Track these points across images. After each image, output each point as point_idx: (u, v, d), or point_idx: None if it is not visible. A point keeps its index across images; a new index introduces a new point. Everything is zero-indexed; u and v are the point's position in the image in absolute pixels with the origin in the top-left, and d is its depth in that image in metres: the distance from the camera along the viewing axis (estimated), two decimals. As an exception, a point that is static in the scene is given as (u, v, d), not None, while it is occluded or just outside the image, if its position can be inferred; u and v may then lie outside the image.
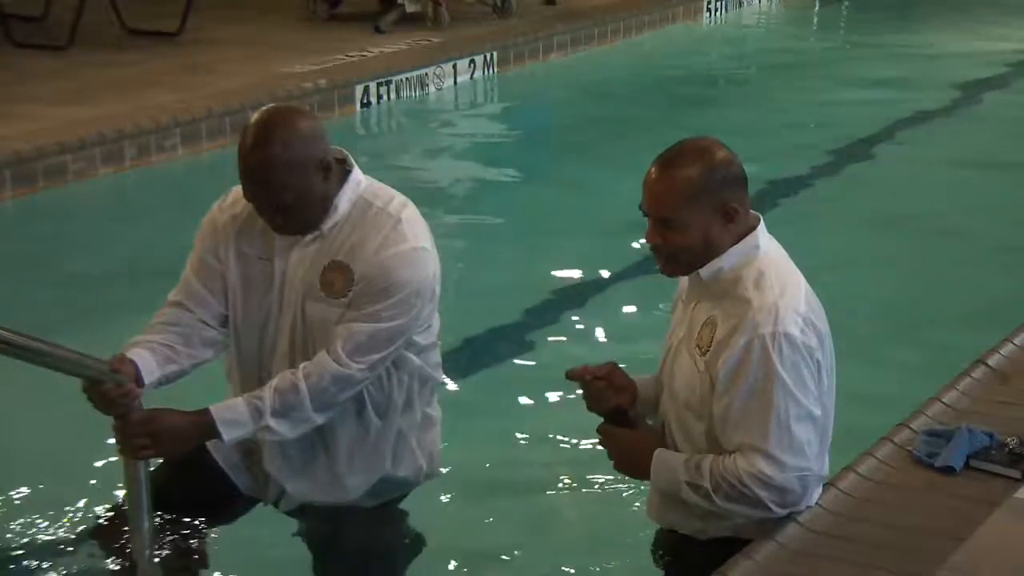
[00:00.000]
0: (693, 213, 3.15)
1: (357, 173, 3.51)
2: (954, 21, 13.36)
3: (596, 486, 4.46)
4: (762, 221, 3.26)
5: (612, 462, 3.36)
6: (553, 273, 6.72)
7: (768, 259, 3.21)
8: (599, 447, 3.39)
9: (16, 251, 6.97)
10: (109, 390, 3.30)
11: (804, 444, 3.13)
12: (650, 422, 3.39)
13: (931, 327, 6.03)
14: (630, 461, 3.32)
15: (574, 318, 6.26)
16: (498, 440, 4.98)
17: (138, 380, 3.38)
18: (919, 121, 9.79)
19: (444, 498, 4.36)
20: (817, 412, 3.16)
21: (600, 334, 6.03)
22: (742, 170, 3.22)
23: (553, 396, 5.36)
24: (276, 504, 3.70)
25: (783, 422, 3.10)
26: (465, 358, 5.61)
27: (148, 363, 3.43)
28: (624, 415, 3.35)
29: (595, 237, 7.21)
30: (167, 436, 3.37)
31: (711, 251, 3.19)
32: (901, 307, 6.30)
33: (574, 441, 4.87)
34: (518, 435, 5.03)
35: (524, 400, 5.35)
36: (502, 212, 7.84)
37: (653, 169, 3.20)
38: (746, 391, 3.10)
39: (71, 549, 3.96)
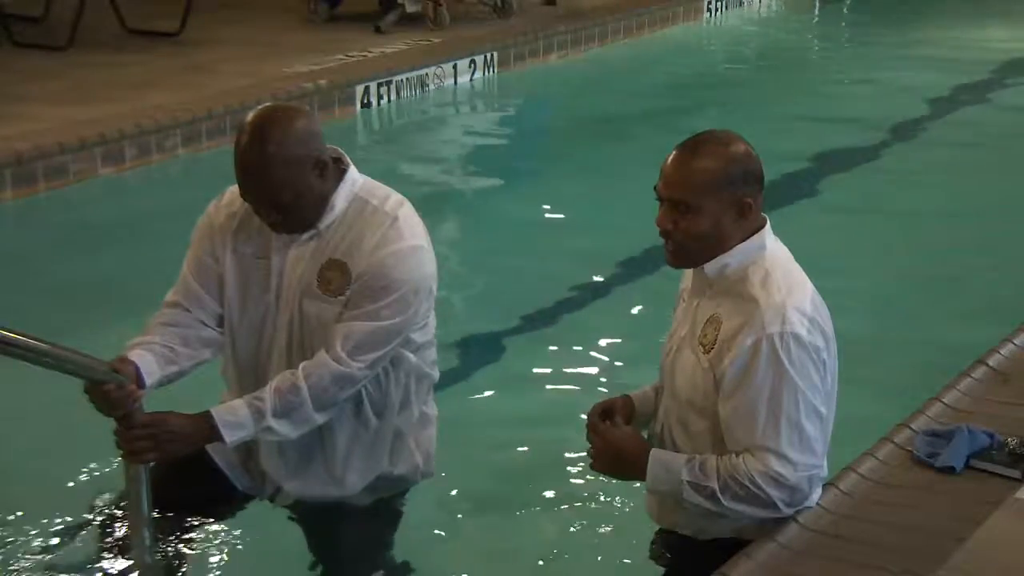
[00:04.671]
0: (709, 201, 3.15)
1: (353, 172, 3.52)
2: (955, 21, 13.36)
3: (595, 486, 4.45)
4: (768, 222, 3.26)
5: (593, 460, 3.34)
6: (552, 274, 6.71)
7: (774, 259, 3.21)
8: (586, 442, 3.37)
9: (16, 251, 6.97)
10: (111, 391, 3.30)
11: (813, 442, 3.14)
12: (645, 434, 3.38)
13: (931, 327, 6.02)
14: (619, 460, 3.29)
15: (573, 318, 6.25)
16: (495, 439, 4.97)
17: (139, 381, 3.38)
18: (920, 120, 9.80)
19: (440, 497, 4.36)
20: (823, 410, 3.17)
21: (599, 334, 6.02)
22: (761, 168, 3.23)
23: (550, 396, 5.36)
24: (273, 499, 3.70)
25: (794, 421, 3.10)
26: (462, 357, 5.61)
27: (149, 364, 3.43)
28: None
29: (595, 237, 7.20)
30: (168, 438, 3.37)
31: (720, 244, 3.19)
32: (901, 307, 6.30)
33: (572, 440, 4.86)
34: (516, 434, 5.02)
35: (521, 400, 5.35)
36: (501, 212, 7.84)
37: (674, 153, 3.20)
38: (755, 392, 3.10)
39: (71, 549, 3.96)
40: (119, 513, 3.65)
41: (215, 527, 3.79)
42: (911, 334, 5.95)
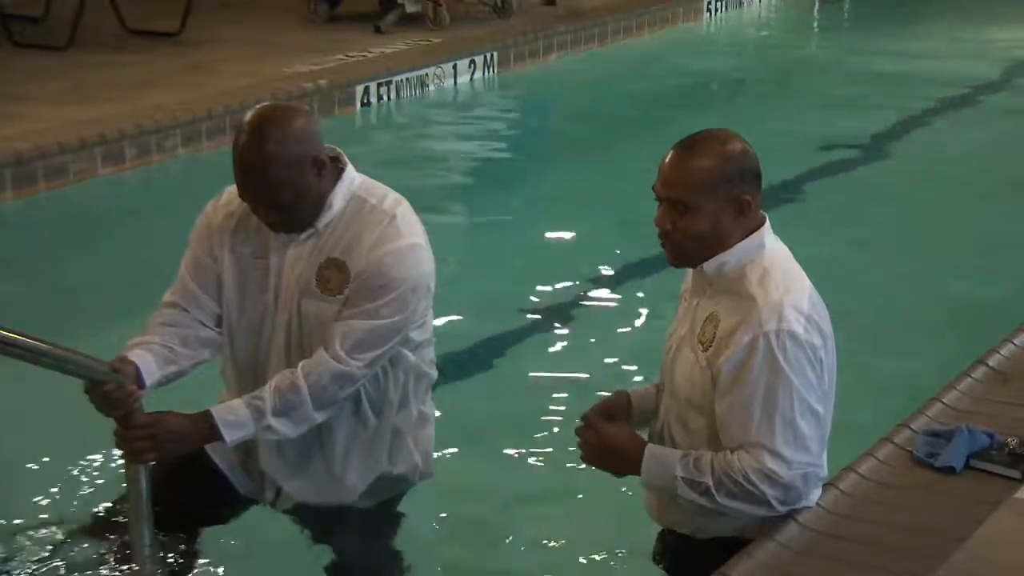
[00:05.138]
0: (707, 199, 3.15)
1: (351, 171, 3.52)
2: (955, 21, 13.36)
3: (595, 485, 4.45)
4: (768, 221, 3.26)
5: (586, 455, 3.34)
6: (552, 273, 6.71)
7: (773, 258, 3.21)
8: (576, 436, 3.37)
9: (16, 251, 6.97)
10: (111, 391, 3.30)
11: (808, 440, 3.14)
12: (645, 432, 3.38)
13: (931, 327, 6.03)
14: (613, 456, 3.29)
15: (573, 318, 6.25)
16: (494, 440, 4.97)
17: (139, 381, 3.38)
18: (920, 121, 9.80)
19: (440, 499, 4.35)
20: (820, 409, 3.16)
21: (600, 334, 6.02)
22: (758, 166, 3.23)
23: (550, 396, 5.36)
24: (273, 504, 3.70)
25: (788, 418, 3.10)
26: (461, 357, 5.61)
27: (148, 364, 3.43)
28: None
29: (595, 238, 7.21)
30: (168, 438, 3.37)
31: (720, 242, 3.19)
32: (901, 307, 6.30)
33: (572, 440, 4.86)
34: (514, 435, 5.02)
35: (520, 399, 5.35)
36: (501, 212, 7.84)
37: (672, 153, 3.21)
38: (750, 389, 3.10)
39: (71, 549, 3.96)
40: (119, 513, 3.64)
41: (215, 528, 3.78)
42: (911, 334, 5.95)
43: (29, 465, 4.68)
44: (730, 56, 12.39)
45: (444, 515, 4.34)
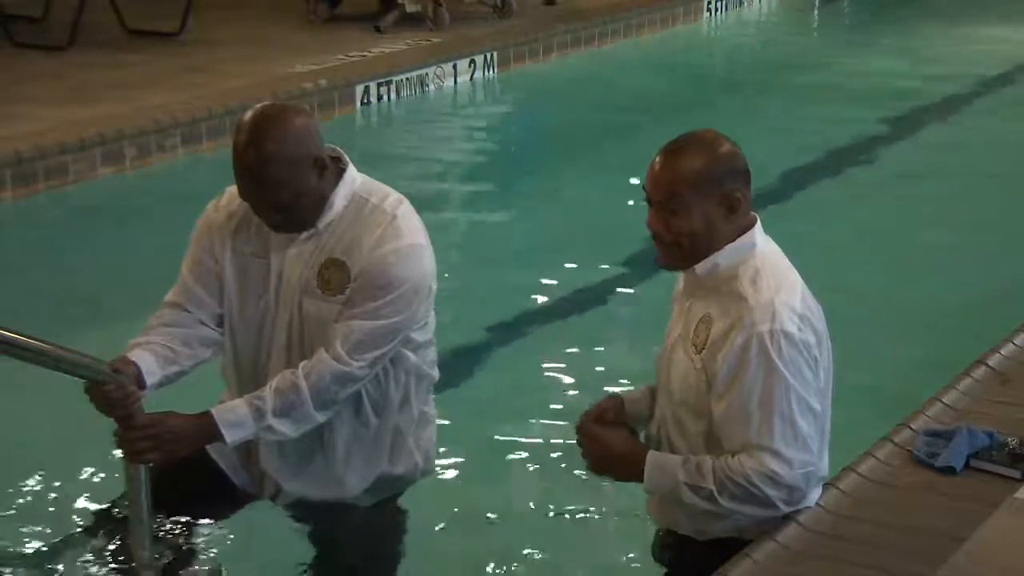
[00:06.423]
0: (697, 199, 3.15)
1: (352, 171, 3.52)
2: (954, 22, 13.35)
3: (596, 485, 4.45)
4: (759, 221, 3.26)
5: (588, 462, 3.35)
6: (552, 273, 6.71)
7: (764, 257, 3.21)
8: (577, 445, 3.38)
9: (16, 251, 6.97)
10: (111, 391, 3.30)
11: (808, 439, 3.14)
12: (641, 434, 3.38)
13: (931, 327, 6.02)
14: (615, 462, 3.30)
15: (573, 317, 6.26)
16: (494, 439, 4.98)
17: (140, 381, 3.38)
18: (919, 121, 9.79)
19: (441, 497, 4.36)
20: (818, 407, 3.16)
21: (599, 334, 6.02)
22: (746, 164, 3.23)
23: (550, 395, 5.36)
24: (274, 499, 3.70)
25: (787, 418, 3.10)
26: (461, 358, 5.60)
27: (149, 364, 3.43)
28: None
29: (594, 239, 7.20)
30: (169, 439, 3.37)
31: (712, 241, 3.19)
32: (901, 307, 6.30)
33: (572, 440, 4.86)
34: (514, 434, 5.03)
35: (521, 399, 5.35)
36: (501, 212, 7.85)
37: (659, 157, 3.21)
38: (747, 390, 3.09)
39: (71, 549, 3.96)
40: (119, 513, 3.65)
41: (215, 527, 3.78)
42: (912, 334, 5.95)
43: (29, 465, 4.68)
44: (730, 56, 12.40)
45: (445, 511, 4.35)
